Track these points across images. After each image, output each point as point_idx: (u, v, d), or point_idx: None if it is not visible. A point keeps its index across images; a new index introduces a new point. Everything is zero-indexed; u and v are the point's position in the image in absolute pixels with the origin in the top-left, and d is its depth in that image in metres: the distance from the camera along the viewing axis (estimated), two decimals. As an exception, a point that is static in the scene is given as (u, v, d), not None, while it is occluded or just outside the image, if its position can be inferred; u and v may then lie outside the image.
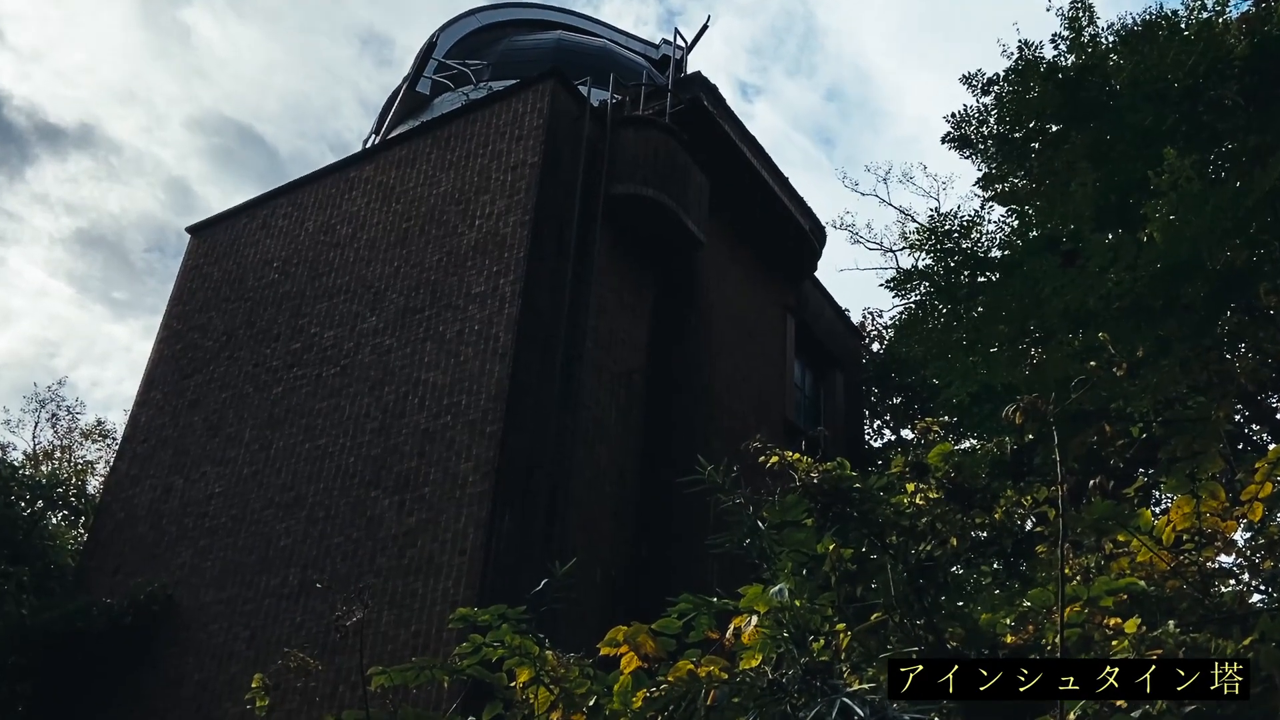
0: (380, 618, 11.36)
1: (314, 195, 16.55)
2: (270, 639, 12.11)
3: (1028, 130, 8.00)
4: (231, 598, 12.80)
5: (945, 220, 8.78)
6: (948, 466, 4.32)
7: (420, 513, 11.87)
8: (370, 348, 13.88)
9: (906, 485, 4.42)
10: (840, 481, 4.42)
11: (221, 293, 16.54)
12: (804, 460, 4.57)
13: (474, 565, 11.11)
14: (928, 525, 4.35)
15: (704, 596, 5.42)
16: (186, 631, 12.90)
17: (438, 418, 12.54)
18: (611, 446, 13.50)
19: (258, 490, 13.60)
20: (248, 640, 12.32)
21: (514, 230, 13.49)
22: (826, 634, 3.91)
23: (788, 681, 3.40)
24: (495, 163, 14.43)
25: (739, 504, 5.09)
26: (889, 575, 4.42)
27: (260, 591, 12.61)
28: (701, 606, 5.35)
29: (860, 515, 4.42)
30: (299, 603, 12.17)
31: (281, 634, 12.05)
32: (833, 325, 20.33)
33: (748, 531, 5.25)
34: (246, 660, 12.13)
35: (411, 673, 6.39)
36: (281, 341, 15.03)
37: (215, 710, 11.97)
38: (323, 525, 12.63)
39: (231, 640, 12.44)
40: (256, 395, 14.67)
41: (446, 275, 13.79)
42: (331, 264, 15.33)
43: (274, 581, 12.56)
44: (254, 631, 12.35)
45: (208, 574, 13.26)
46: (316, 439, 13.52)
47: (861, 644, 3.91)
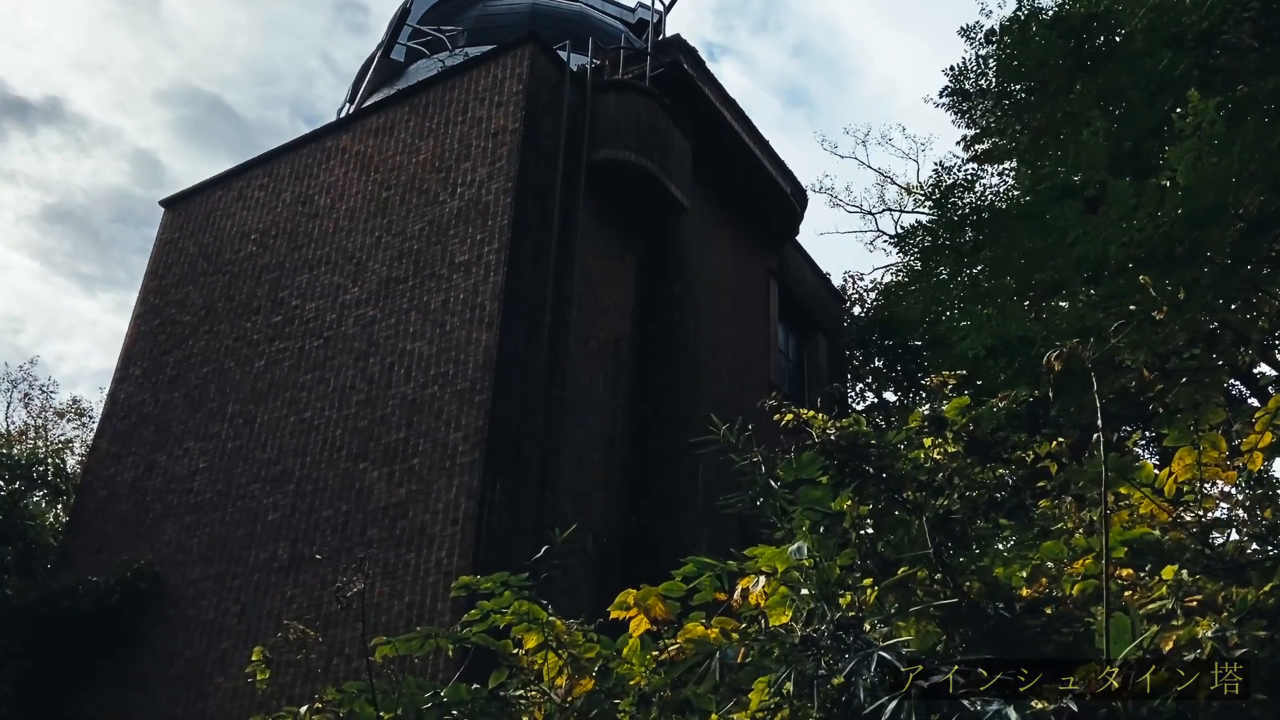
0: (373, 590, 11.28)
1: (290, 166, 16.31)
2: (261, 614, 12.01)
3: (1029, 82, 7.92)
4: (220, 573, 12.68)
5: (948, 174, 8.69)
6: (965, 420, 4.27)
7: (410, 484, 11.78)
8: (353, 319, 13.73)
9: (924, 440, 4.37)
10: (858, 437, 4.37)
11: (198, 266, 16.31)
12: (819, 417, 4.51)
13: (467, 536, 11.04)
14: (946, 479, 4.31)
15: (708, 559, 5.37)
16: (175, 609, 12.78)
17: (425, 388, 12.42)
18: (599, 415, 13.44)
19: (243, 465, 13.46)
20: (238, 615, 12.22)
21: (497, 197, 13.34)
22: (855, 589, 3.85)
23: (819, 637, 3.36)
24: (475, 129, 14.24)
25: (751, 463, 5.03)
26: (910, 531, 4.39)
27: (249, 566, 12.50)
28: (706, 569, 5.31)
29: (878, 470, 4.37)
30: (289, 577, 12.07)
31: (272, 608, 11.96)
32: (814, 289, 20.29)
33: (760, 491, 5.20)
34: (238, 635, 12.04)
35: (416, 641, 6.33)
36: (262, 314, 14.84)
37: (207, 686, 11.88)
38: (311, 499, 12.52)
39: (221, 616, 12.34)
40: (238, 369, 14.50)
41: (429, 244, 13.63)
42: (310, 235, 15.13)
43: (263, 556, 12.45)
44: (244, 606, 12.25)
45: (194, 550, 13.13)
46: (302, 412, 13.38)
47: (888, 599, 3.87)
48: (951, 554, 4.27)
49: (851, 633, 3.35)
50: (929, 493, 4.32)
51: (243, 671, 11.60)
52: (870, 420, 4.45)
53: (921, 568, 3.83)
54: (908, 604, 3.71)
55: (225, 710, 11.56)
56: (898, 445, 4.28)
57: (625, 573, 12.46)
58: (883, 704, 2.90)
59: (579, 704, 5.56)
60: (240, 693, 11.58)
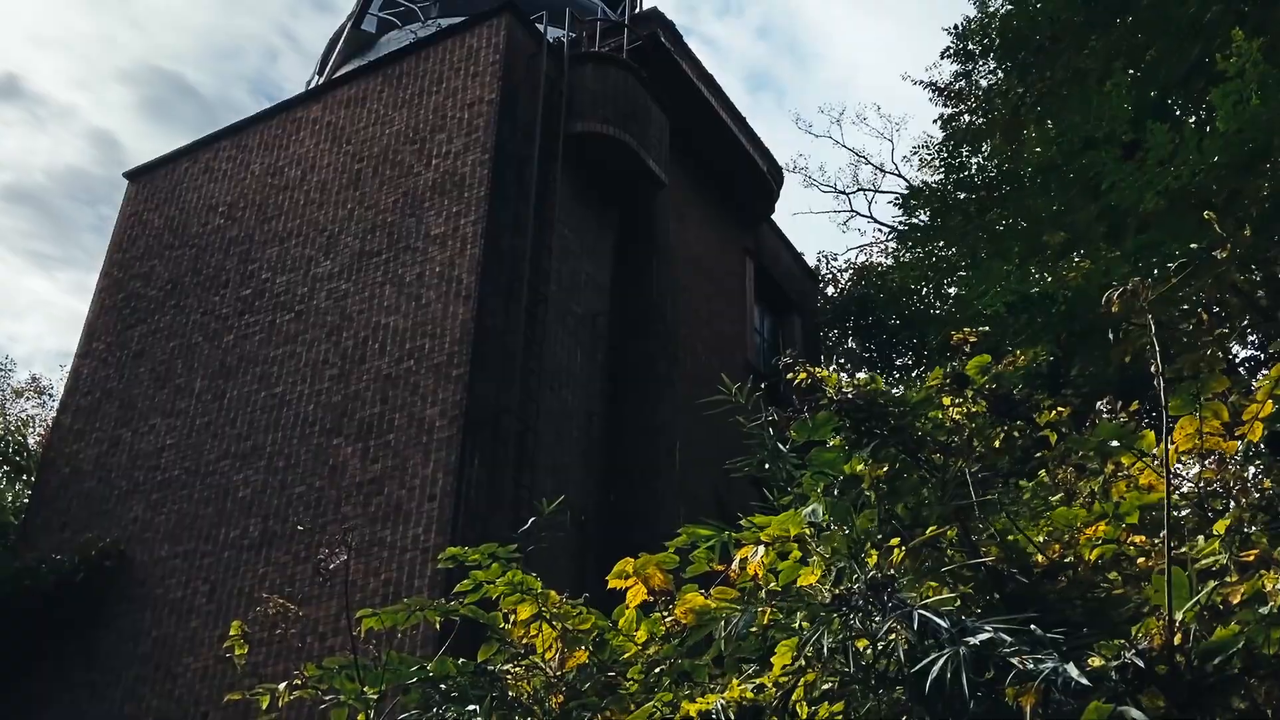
0: (349, 566, 11.03)
1: (259, 137, 15.95)
2: (232, 592, 11.75)
3: (1040, 38, 7.77)
4: (189, 551, 12.39)
5: (957, 136, 8.51)
6: (985, 379, 4.13)
7: (386, 459, 11.54)
8: (326, 292, 13.44)
9: (943, 399, 4.22)
10: (876, 396, 4.21)
11: (164, 239, 15.93)
12: (834, 376, 4.35)
13: (444, 512, 10.83)
14: (966, 440, 4.17)
15: (703, 529, 5.23)
16: (142, 587, 12.48)
17: (400, 362, 12.18)
18: (577, 390, 13.25)
19: (212, 441, 13.16)
20: (207, 594, 11.95)
21: (473, 169, 13.09)
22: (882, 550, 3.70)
23: (853, 596, 3.20)
24: (450, 100, 13.97)
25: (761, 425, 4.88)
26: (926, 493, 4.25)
27: (219, 544, 12.22)
28: (701, 538, 5.16)
29: (895, 431, 4.22)
30: (261, 554, 11.81)
31: (243, 586, 11.70)
32: (789, 269, 20.17)
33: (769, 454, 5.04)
34: (207, 614, 11.77)
35: (401, 614, 6.14)
36: (231, 288, 14.52)
37: (176, 666, 11.61)
38: (283, 475, 12.25)
39: (190, 595, 12.06)
40: (206, 344, 14.17)
41: (404, 216, 13.37)
42: (280, 207, 14.81)
43: (233, 533, 12.18)
44: (214, 585, 11.98)
45: (162, 528, 12.82)
46: (273, 387, 13.09)
47: (919, 558, 3.72)
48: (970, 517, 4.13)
49: (885, 592, 3.20)
50: (948, 454, 4.18)
51: (212, 651, 11.36)
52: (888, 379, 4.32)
53: (952, 527, 3.68)
54: (940, 564, 3.56)
55: (195, 690, 11.31)
56: (917, 405, 4.13)
57: (602, 549, 12.30)
58: (930, 661, 2.75)
59: (570, 677, 5.40)
60: (210, 672, 11.32)
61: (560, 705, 5.23)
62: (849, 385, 4.24)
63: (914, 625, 2.99)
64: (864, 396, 4.23)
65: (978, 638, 2.81)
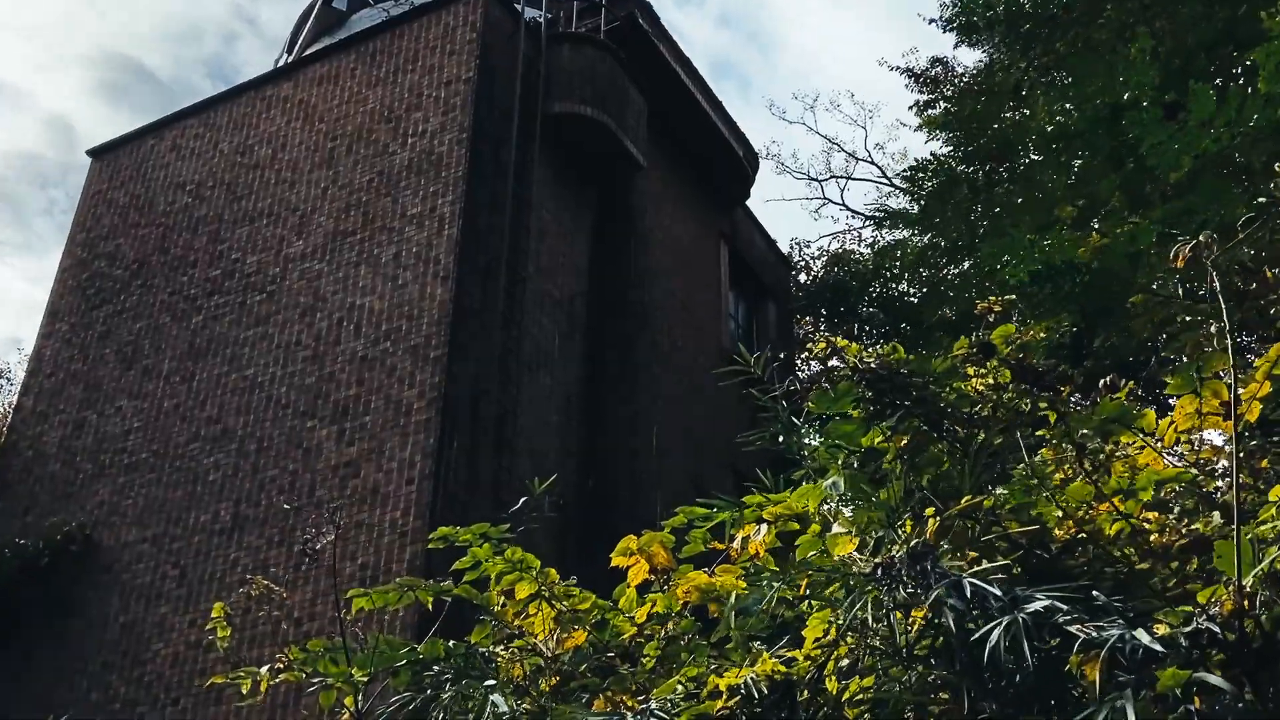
0: (325, 551, 10.83)
1: (227, 115, 15.63)
2: (202, 577, 11.50)
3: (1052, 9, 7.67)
4: (157, 536, 12.13)
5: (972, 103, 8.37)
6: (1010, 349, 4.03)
7: (362, 442, 11.34)
8: (299, 273, 13.19)
9: (968, 370, 4.12)
10: (900, 366, 4.10)
11: (129, 218, 15.58)
12: (853, 346, 4.23)
13: (423, 495, 10.65)
14: (991, 410, 4.07)
15: (700, 508, 5.12)
16: (108, 573, 12.20)
17: (377, 344, 11.97)
18: (555, 373, 13.10)
19: (181, 424, 12.88)
20: (177, 580, 11.69)
21: (450, 148, 12.88)
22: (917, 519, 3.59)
23: (895, 566, 3.09)
24: (427, 79, 13.74)
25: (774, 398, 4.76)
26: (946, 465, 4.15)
27: (189, 529, 11.96)
28: (699, 518, 5.06)
29: (918, 402, 4.11)
30: (232, 538, 11.57)
31: (215, 571, 11.46)
32: (763, 254, 20.09)
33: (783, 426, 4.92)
34: (177, 600, 11.52)
35: (394, 594, 5.99)
36: (199, 268, 14.22)
37: (144, 652, 11.36)
38: (255, 458, 12.01)
39: (159, 580, 11.80)
40: (175, 325, 13.87)
41: (379, 196, 13.13)
42: (251, 186, 14.52)
43: (204, 518, 11.93)
44: (183, 570, 11.72)
45: (129, 512, 12.54)
46: (244, 369, 12.83)
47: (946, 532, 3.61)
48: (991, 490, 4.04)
49: (928, 561, 3.09)
50: (972, 426, 4.08)
51: (183, 637, 11.12)
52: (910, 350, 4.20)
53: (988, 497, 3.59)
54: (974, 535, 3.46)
55: (165, 676, 11.06)
56: (942, 375, 4.03)
57: (582, 532, 12.17)
58: (989, 630, 2.64)
59: (566, 658, 5.27)
60: (181, 659, 11.08)
61: (553, 687, 5.11)
62: (871, 356, 4.13)
63: (965, 594, 2.89)
64: (887, 367, 4.13)
65: (1033, 606, 2.71)
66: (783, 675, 3.41)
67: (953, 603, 2.92)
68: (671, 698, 3.64)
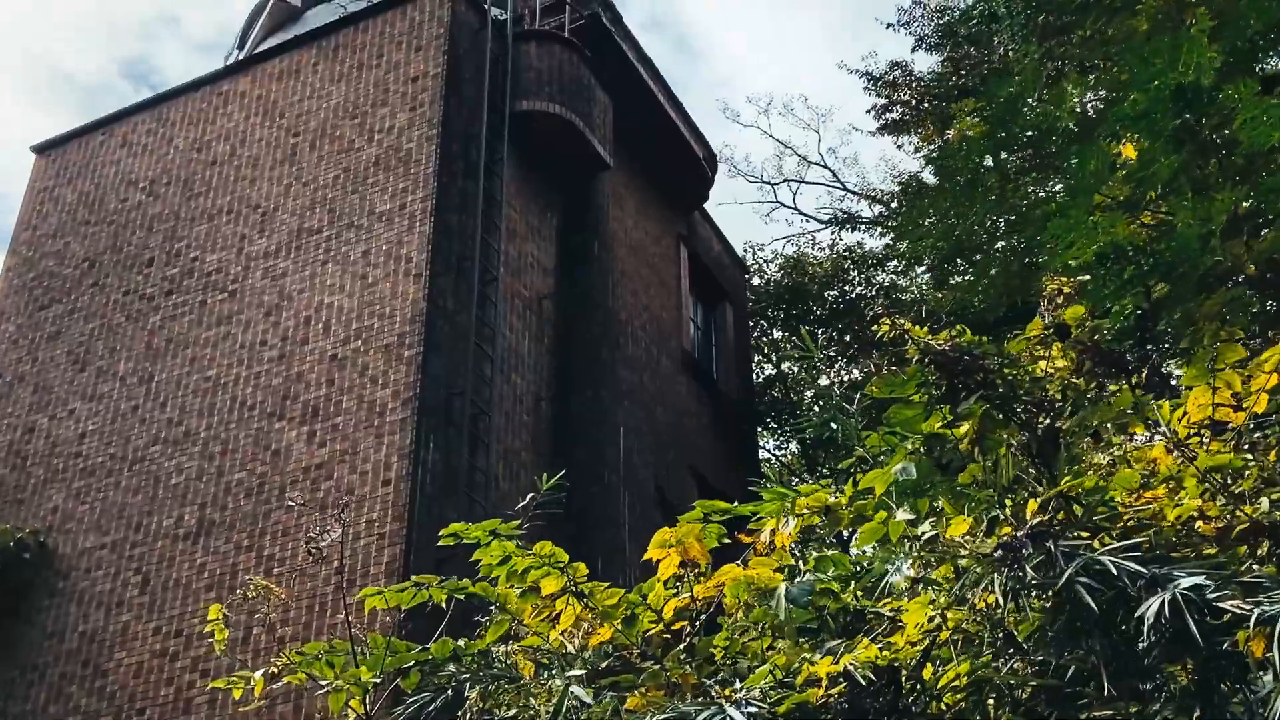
0: (295, 554, 10.56)
1: (181, 110, 15.23)
2: (167, 584, 11.14)
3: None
4: (117, 542, 11.72)
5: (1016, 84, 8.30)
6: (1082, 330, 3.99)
7: (334, 443, 11.07)
8: (262, 271, 12.86)
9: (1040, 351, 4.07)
10: (971, 348, 4.04)
11: (78, 216, 15.10)
12: (920, 329, 4.16)
13: (400, 497, 10.42)
14: (1060, 392, 4.03)
15: (722, 502, 5.06)
16: (65, 580, 11.77)
17: (347, 343, 11.70)
18: (525, 374, 12.93)
19: (140, 426, 12.48)
20: (139, 586, 11.31)
21: (419, 144, 12.66)
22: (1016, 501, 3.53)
23: (1018, 545, 3.02)
24: (393, 74, 13.50)
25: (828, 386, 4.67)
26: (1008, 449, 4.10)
27: (151, 534, 11.58)
28: (718, 511, 5.00)
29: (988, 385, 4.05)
30: (199, 543, 11.22)
31: (180, 577, 11.11)
32: (720, 257, 20.08)
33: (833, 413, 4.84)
34: (140, 608, 11.14)
35: (407, 593, 5.85)
36: (156, 267, 13.81)
37: (107, 662, 10.96)
38: (220, 461, 11.67)
39: (120, 587, 11.40)
40: (130, 325, 13.45)
41: (345, 193, 12.86)
42: (209, 183, 14.14)
43: (166, 522, 11.56)
44: (146, 577, 11.34)
45: (86, 518, 12.11)
46: (206, 370, 12.47)
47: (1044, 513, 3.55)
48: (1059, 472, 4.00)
49: (1054, 541, 3.02)
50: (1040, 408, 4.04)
51: (147, 645, 10.77)
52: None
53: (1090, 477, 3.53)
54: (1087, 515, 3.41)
55: (129, 687, 10.68)
56: (1017, 355, 3.97)
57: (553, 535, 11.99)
58: (1150, 605, 2.58)
59: (587, 656, 5.16)
60: (146, 668, 10.71)
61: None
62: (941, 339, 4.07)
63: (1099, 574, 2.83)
64: (959, 349, 4.06)
65: (1186, 582, 2.66)
66: (887, 662, 3.32)
67: (1087, 582, 2.86)
68: (762, 687, 3.52)
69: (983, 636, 3.33)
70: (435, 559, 10.37)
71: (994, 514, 3.26)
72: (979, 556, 3.08)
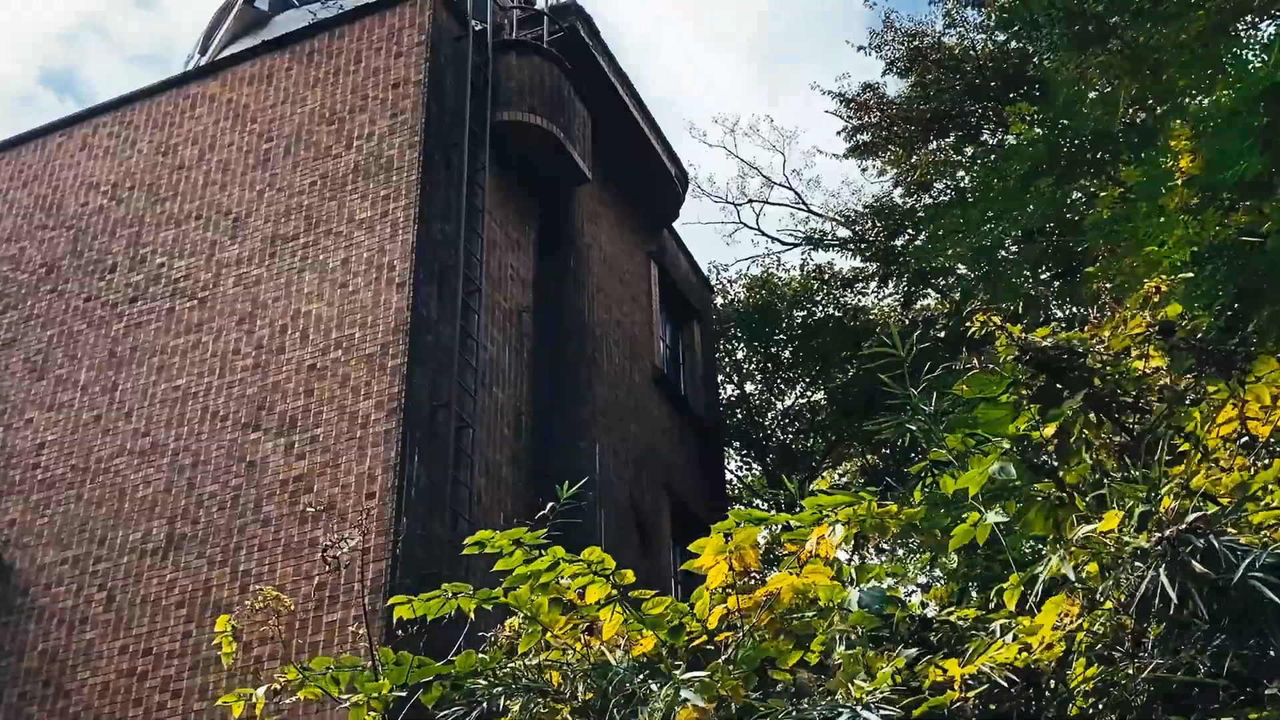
0: (274, 570, 10.18)
1: (145, 114, 14.79)
2: (135, 600, 10.67)
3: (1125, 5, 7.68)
4: (79, 557, 11.22)
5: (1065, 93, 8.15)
6: (1186, 329, 3.89)
7: (314, 455, 10.71)
8: (234, 278, 12.47)
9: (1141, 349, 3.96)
10: (1070, 347, 3.91)
11: (34, 219, 14.57)
12: (1016, 327, 4.03)
13: (386, 510, 10.09)
14: (1161, 393, 3.92)
15: (759, 510, 4.91)
16: (23, 597, 11.23)
17: (326, 352, 11.36)
18: (506, 387, 12.66)
19: (103, 437, 12.00)
20: (104, 603, 10.82)
21: (401, 151, 12.39)
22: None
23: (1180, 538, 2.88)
24: (372, 80, 13.22)
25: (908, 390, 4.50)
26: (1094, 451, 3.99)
27: (116, 549, 11.11)
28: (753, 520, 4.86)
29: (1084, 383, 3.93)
30: (168, 558, 10.77)
31: (148, 594, 10.65)
32: (688, 275, 19.97)
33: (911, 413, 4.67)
34: (105, 625, 10.65)
35: (436, 601, 5.65)
36: (119, 273, 13.34)
37: (70, 681, 10.45)
38: (190, 473, 11.24)
39: (83, 604, 10.90)
40: (91, 332, 12.96)
41: (323, 200, 12.54)
42: (175, 188, 13.72)
43: (133, 536, 11.09)
44: (111, 593, 10.86)
45: (45, 532, 11.59)
46: (174, 379, 12.03)
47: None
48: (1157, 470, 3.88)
49: (1211, 533, 2.89)
50: (1139, 408, 3.92)
51: (114, 665, 10.31)
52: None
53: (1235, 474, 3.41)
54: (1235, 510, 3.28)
55: (94, 707, 10.19)
56: (1120, 352, 3.85)
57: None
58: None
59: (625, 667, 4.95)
60: (113, 688, 10.23)
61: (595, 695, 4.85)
62: (1042, 334, 3.94)
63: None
64: (1060, 346, 3.93)
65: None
66: (1025, 663, 3.15)
67: (1262, 576, 2.72)
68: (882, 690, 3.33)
69: (1115, 636, 3.18)
70: (419, 574, 10.07)
71: (1143, 509, 3.11)
72: (1138, 551, 2.92)
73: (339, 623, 9.74)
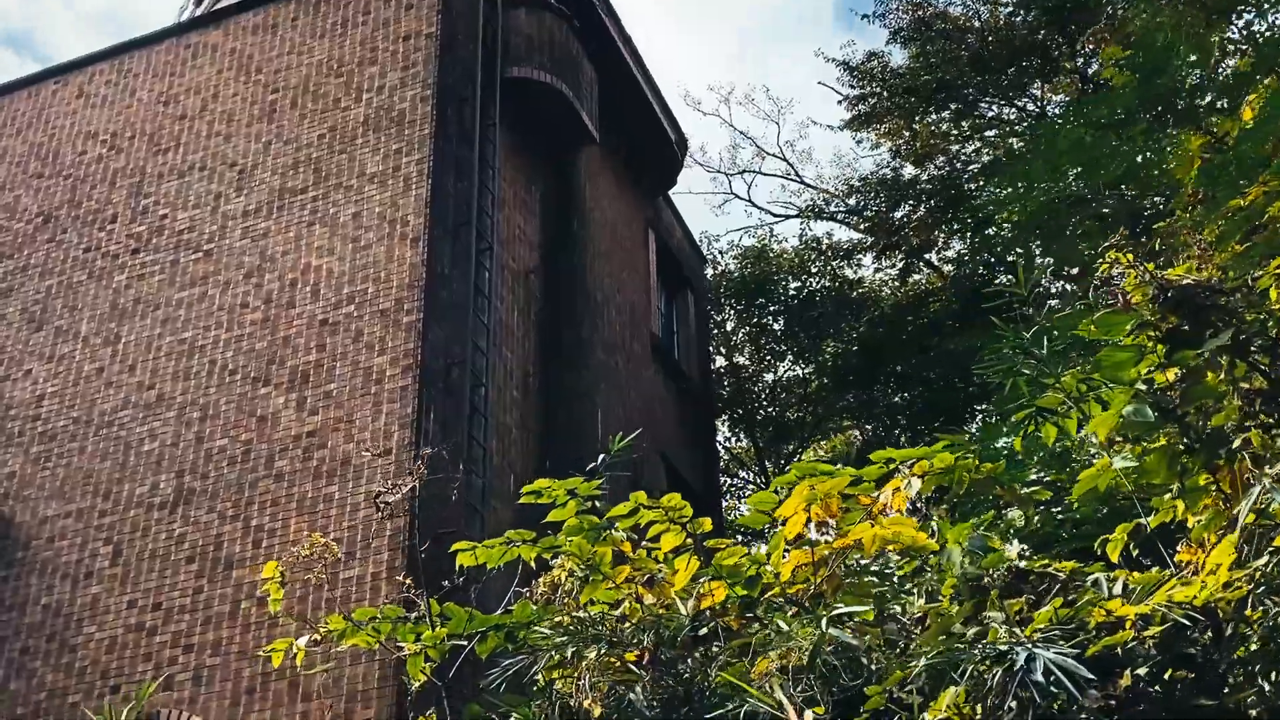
0: (288, 525, 10.04)
1: (145, 62, 14.47)
2: (143, 554, 10.50)
3: None
4: (84, 510, 11.02)
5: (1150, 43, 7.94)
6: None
7: (327, 410, 10.56)
8: (240, 231, 12.24)
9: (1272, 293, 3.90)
10: (1208, 285, 3.84)
11: (30, 169, 14.23)
12: (1149, 264, 3.95)
13: (401, 466, 9.97)
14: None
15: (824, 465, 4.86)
16: (26, 550, 11.02)
17: (338, 307, 11.19)
18: (515, 347, 12.53)
19: (106, 389, 11.77)
20: (110, 557, 10.64)
21: (414, 105, 12.19)
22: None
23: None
24: (381, 32, 12.99)
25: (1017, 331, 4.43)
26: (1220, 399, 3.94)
27: (122, 503, 10.91)
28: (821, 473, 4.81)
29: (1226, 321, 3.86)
30: (177, 512, 10.60)
31: (156, 548, 10.48)
32: (682, 244, 19.88)
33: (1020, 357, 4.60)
34: (111, 579, 10.48)
35: (497, 550, 5.62)
36: (120, 224, 13.06)
37: (75, 636, 10.28)
38: (199, 426, 11.05)
39: (89, 558, 10.71)
40: (92, 283, 12.70)
41: (332, 153, 12.32)
42: (178, 138, 13.44)
43: (140, 490, 10.90)
44: (117, 547, 10.67)
45: (47, 485, 11.37)
46: (180, 332, 11.81)
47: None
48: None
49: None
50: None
51: (121, 619, 10.14)
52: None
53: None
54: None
55: (101, 662, 10.03)
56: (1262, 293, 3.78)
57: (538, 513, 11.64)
58: None
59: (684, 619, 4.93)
60: (119, 643, 10.06)
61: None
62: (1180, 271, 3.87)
63: None
64: (1199, 284, 3.86)
65: None
66: (1203, 602, 3.10)
67: None
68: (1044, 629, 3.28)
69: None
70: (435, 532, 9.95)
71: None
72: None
73: (355, 579, 9.62)
